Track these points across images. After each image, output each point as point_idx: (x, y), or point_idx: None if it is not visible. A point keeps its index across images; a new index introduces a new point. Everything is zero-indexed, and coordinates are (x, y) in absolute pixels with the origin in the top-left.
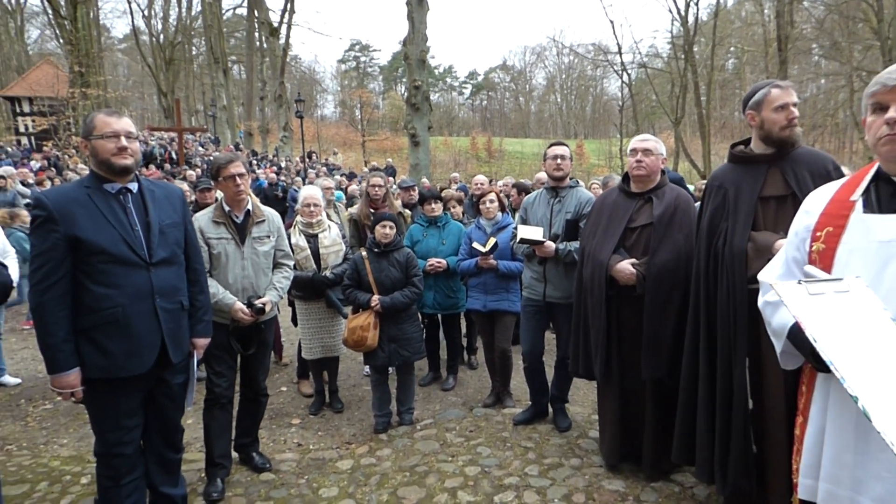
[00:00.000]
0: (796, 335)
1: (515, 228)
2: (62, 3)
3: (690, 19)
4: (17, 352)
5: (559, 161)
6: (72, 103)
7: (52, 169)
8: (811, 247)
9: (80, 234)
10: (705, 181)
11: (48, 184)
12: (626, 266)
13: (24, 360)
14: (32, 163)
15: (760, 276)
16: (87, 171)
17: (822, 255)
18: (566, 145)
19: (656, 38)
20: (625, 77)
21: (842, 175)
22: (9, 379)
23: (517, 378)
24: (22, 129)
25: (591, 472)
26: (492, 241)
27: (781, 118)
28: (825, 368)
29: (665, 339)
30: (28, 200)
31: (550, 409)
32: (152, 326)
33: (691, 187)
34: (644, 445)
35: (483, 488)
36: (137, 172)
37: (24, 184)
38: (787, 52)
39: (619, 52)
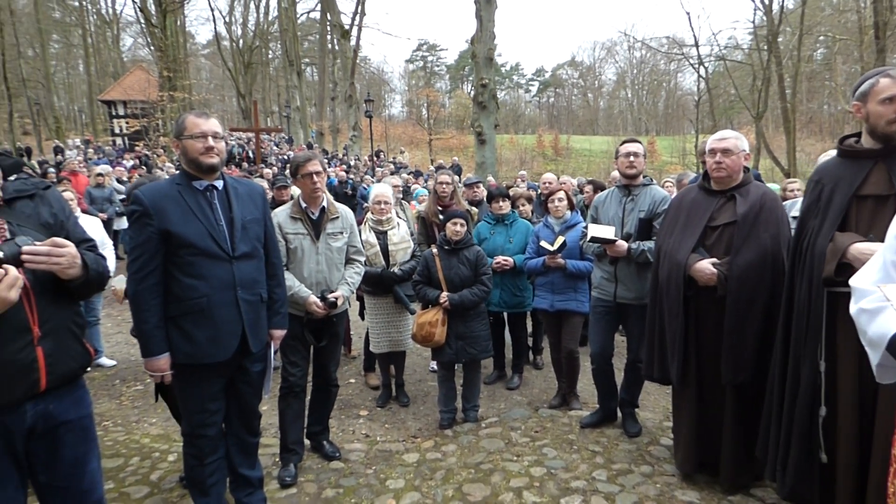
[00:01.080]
0: None
1: (585, 227)
2: (153, 12)
3: (775, 8)
4: (112, 336)
5: (632, 158)
6: (160, 106)
7: (143, 167)
8: None
9: (171, 228)
10: (790, 180)
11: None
12: (706, 266)
13: (118, 344)
14: (125, 161)
15: (853, 282)
16: (174, 169)
17: None
18: (640, 142)
19: (736, 29)
20: (701, 71)
21: None
22: (105, 361)
23: (584, 380)
24: (117, 131)
25: (662, 480)
26: (560, 239)
27: (889, 111)
28: None
29: (748, 343)
30: (122, 196)
31: (619, 414)
32: (234, 316)
33: (775, 186)
34: (722, 455)
35: (549, 490)
36: (223, 171)
37: (118, 181)
38: (885, 40)
39: (696, 45)
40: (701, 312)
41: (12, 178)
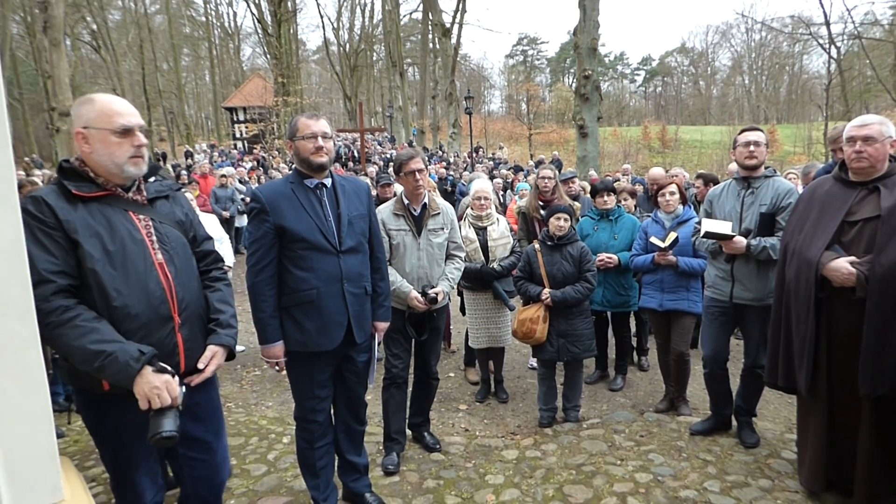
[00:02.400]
0: None
1: (698, 223)
2: (269, 22)
3: None
4: None
5: (752, 148)
6: (275, 110)
7: (260, 168)
8: None
9: (286, 224)
10: None
11: (255, 182)
12: (843, 265)
13: (239, 332)
14: (245, 164)
15: None
16: (286, 170)
17: None
18: (761, 130)
19: (875, 4)
20: (832, 51)
21: None
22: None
23: (693, 384)
24: (238, 135)
25: (784, 497)
26: (672, 235)
27: None
28: None
29: (891, 351)
30: (244, 196)
31: (734, 422)
32: (340, 308)
33: None
34: (857, 473)
35: (656, 497)
36: (331, 169)
37: (240, 181)
38: None
39: (827, 23)
40: (834, 316)
41: (151, 179)
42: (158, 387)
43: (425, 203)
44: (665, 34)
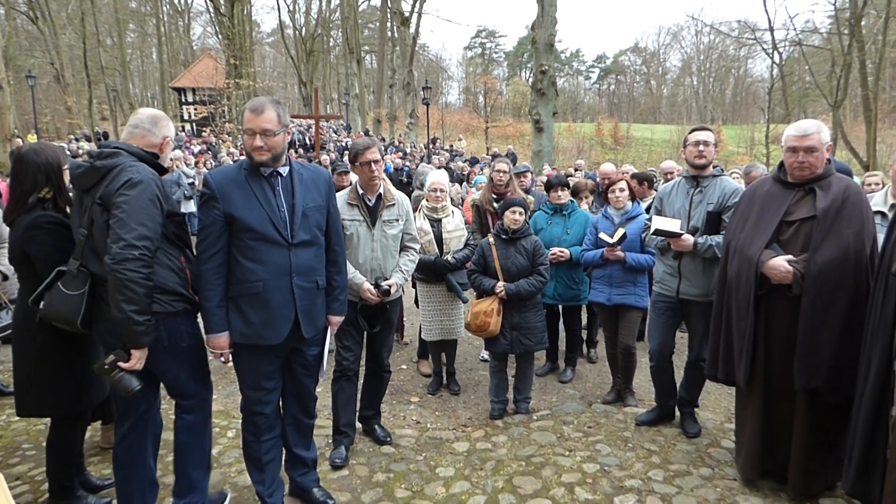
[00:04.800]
0: None
1: (649, 219)
2: (222, 1)
3: None
4: None
5: (702, 148)
6: (226, 93)
7: (209, 152)
8: None
9: (235, 213)
10: (869, 172)
11: (203, 167)
12: (780, 263)
13: None
14: (193, 147)
15: None
16: (238, 155)
17: None
18: (710, 130)
19: (815, 13)
20: (775, 56)
21: None
22: None
23: (640, 376)
24: (186, 117)
25: (723, 484)
26: (620, 231)
27: None
28: None
29: (824, 346)
30: (191, 180)
31: (677, 413)
32: (288, 302)
33: (858, 179)
34: (791, 462)
35: (602, 488)
36: (289, 156)
37: (187, 164)
38: None
39: (771, 29)
40: (772, 312)
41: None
42: None
43: (380, 193)
44: (619, 33)
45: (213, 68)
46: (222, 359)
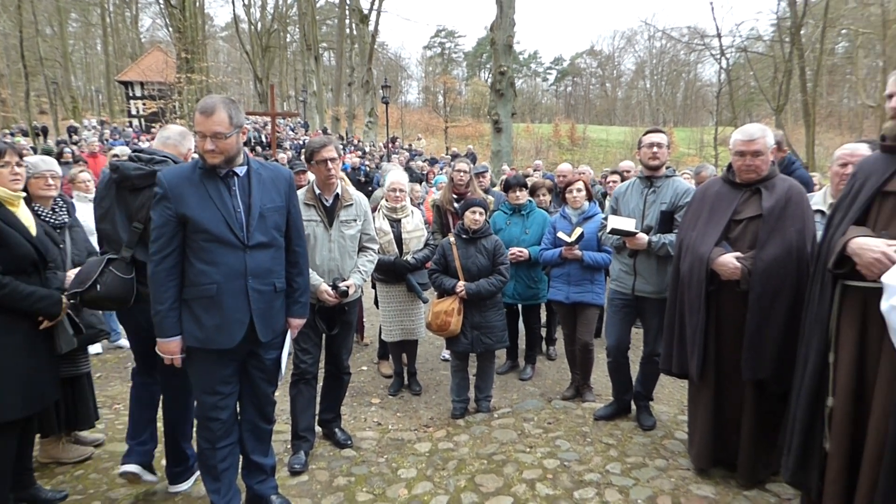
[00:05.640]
0: None
1: (605, 219)
2: None
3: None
4: None
5: (655, 149)
6: (177, 88)
7: None
8: None
9: (188, 213)
10: (812, 174)
11: None
12: (729, 260)
13: None
14: (141, 143)
15: (885, 279)
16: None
17: None
18: (663, 132)
19: (759, 21)
20: (722, 62)
21: None
22: (124, 342)
23: (597, 372)
24: (134, 112)
25: (677, 474)
26: (578, 230)
27: None
28: None
29: (770, 340)
30: None
31: (633, 407)
32: (242, 305)
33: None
34: (740, 451)
35: (562, 482)
36: (248, 155)
37: None
38: None
39: (718, 36)
40: (722, 307)
41: None
42: None
43: (338, 193)
44: (576, 36)
45: (163, 62)
46: (174, 364)
